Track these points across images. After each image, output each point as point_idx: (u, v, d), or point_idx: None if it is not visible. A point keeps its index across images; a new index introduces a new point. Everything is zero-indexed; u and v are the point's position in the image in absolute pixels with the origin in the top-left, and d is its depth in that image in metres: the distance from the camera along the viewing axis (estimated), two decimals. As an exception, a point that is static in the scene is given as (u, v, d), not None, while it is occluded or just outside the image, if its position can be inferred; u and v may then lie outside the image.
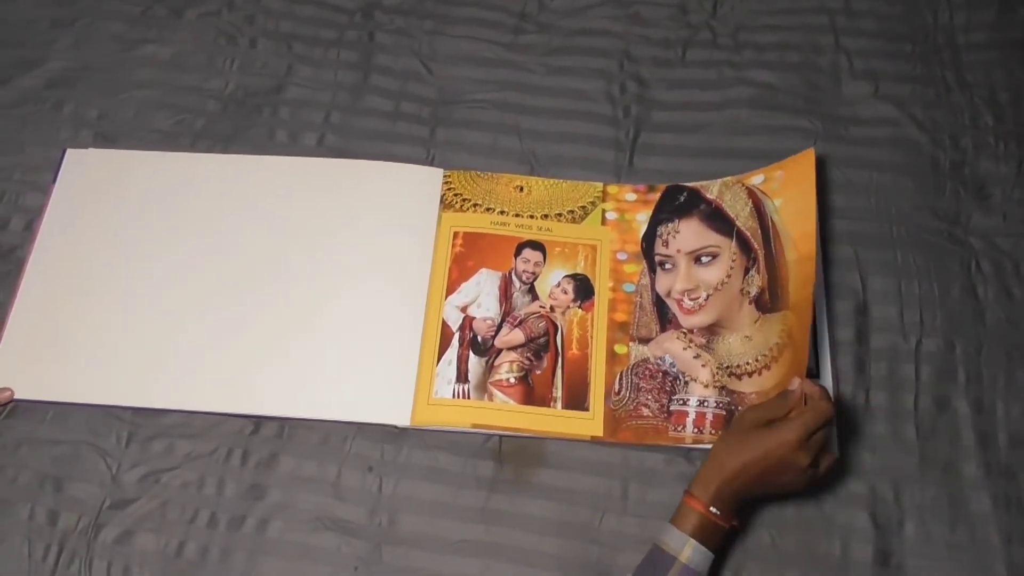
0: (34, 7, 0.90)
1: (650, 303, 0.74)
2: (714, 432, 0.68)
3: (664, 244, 0.75)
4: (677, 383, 0.71)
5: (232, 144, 0.83)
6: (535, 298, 0.75)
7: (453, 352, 0.73)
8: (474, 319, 0.74)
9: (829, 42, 0.86)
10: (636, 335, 0.73)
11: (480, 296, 0.75)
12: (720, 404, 0.69)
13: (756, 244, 0.72)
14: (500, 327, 0.74)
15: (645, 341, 0.73)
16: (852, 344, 0.72)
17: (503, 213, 0.78)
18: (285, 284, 0.76)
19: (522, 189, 0.79)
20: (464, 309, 0.74)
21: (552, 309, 0.74)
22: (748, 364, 0.69)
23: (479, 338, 0.73)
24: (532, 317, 0.74)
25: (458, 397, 0.71)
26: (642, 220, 0.77)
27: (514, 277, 0.76)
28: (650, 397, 0.70)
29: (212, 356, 0.73)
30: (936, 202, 0.78)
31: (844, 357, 0.72)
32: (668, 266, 0.75)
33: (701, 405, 0.69)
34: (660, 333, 0.73)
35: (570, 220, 0.78)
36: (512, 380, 0.72)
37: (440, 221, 0.78)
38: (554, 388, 0.71)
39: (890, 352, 0.72)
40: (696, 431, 0.68)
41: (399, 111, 0.85)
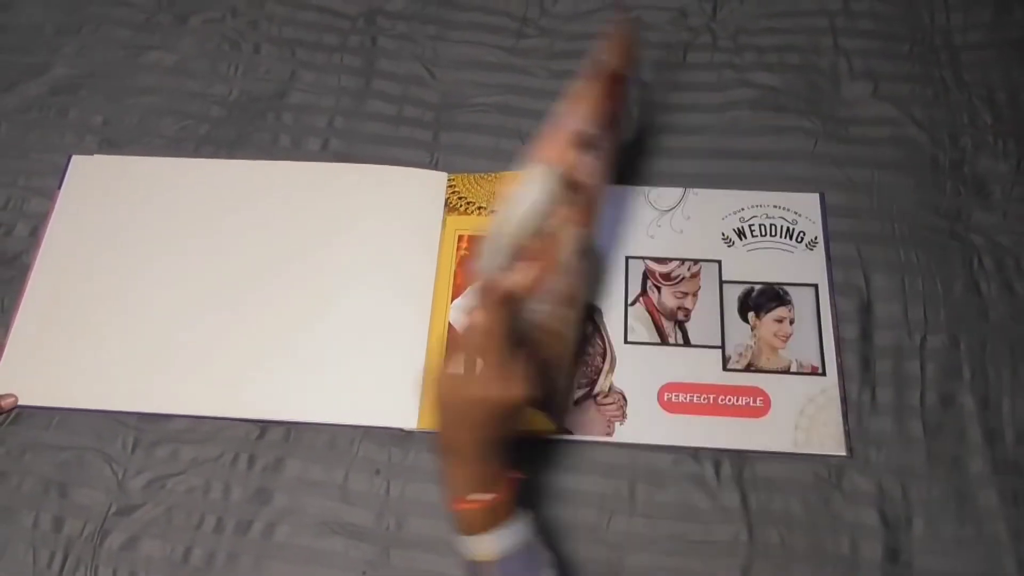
0: (39, 14, 0.91)
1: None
2: None
3: None
4: None
5: (236, 149, 0.83)
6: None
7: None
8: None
9: (828, 43, 0.87)
10: None
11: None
12: None
13: None
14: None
15: None
16: (857, 342, 0.72)
17: None
18: (290, 288, 0.76)
19: None
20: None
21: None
22: None
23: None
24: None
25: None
26: None
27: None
28: None
29: (217, 361, 0.73)
30: (937, 200, 0.78)
31: (849, 355, 0.72)
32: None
33: None
34: None
35: None
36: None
37: (444, 224, 0.78)
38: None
39: (895, 349, 0.72)
40: None
41: (402, 115, 0.85)
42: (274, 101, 0.86)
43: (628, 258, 0.77)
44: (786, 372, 0.72)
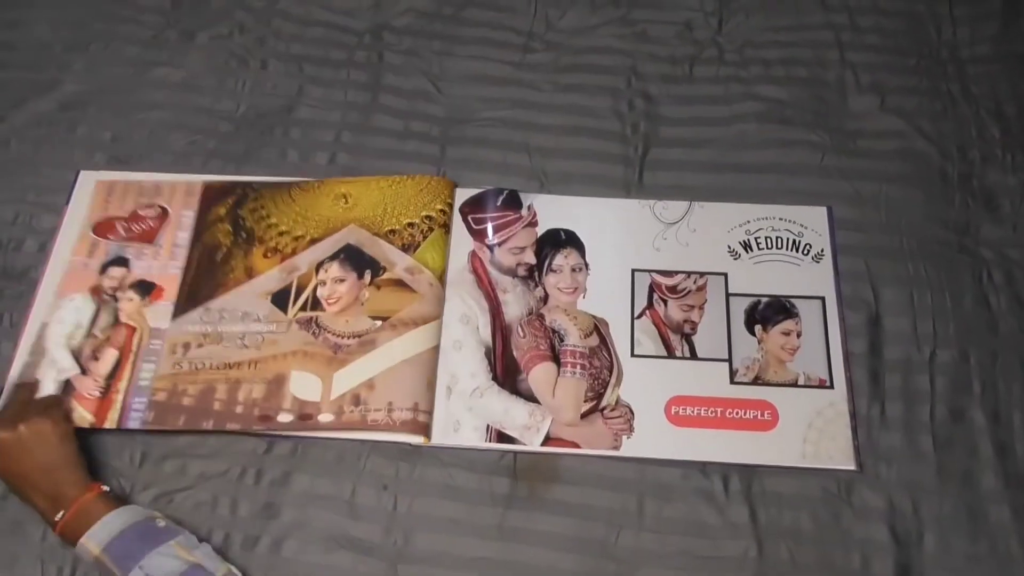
0: (49, 31, 0.91)
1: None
2: None
3: None
4: None
5: (244, 164, 0.83)
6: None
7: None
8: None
9: (835, 57, 0.87)
10: None
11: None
12: None
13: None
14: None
15: None
16: (866, 356, 0.72)
17: None
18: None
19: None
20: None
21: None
22: None
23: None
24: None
25: (472, 413, 0.71)
26: None
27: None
28: None
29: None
30: (946, 213, 0.78)
31: (858, 369, 0.72)
32: None
33: None
34: None
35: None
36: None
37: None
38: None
39: (904, 363, 0.72)
40: None
41: (409, 130, 0.85)
42: (281, 116, 0.86)
43: (634, 271, 0.77)
44: (794, 385, 0.72)
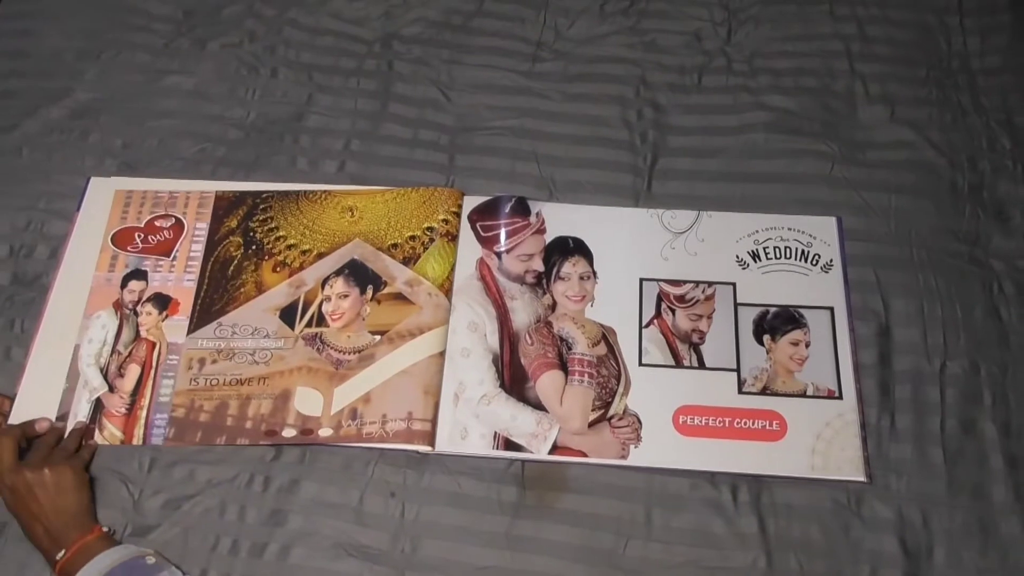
0: (60, 40, 0.92)
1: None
2: None
3: None
4: None
5: (254, 172, 0.84)
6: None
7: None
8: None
9: (844, 67, 0.87)
10: None
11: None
12: None
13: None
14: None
15: None
16: (876, 367, 0.72)
17: None
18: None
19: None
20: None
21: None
22: None
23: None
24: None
25: (480, 422, 0.71)
26: None
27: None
28: None
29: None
30: (956, 224, 0.78)
31: (868, 380, 0.71)
32: None
33: None
34: None
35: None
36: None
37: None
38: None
39: (914, 374, 0.71)
40: None
41: (418, 138, 0.86)
42: (291, 124, 0.87)
43: (642, 280, 0.77)
44: (802, 395, 0.71)
